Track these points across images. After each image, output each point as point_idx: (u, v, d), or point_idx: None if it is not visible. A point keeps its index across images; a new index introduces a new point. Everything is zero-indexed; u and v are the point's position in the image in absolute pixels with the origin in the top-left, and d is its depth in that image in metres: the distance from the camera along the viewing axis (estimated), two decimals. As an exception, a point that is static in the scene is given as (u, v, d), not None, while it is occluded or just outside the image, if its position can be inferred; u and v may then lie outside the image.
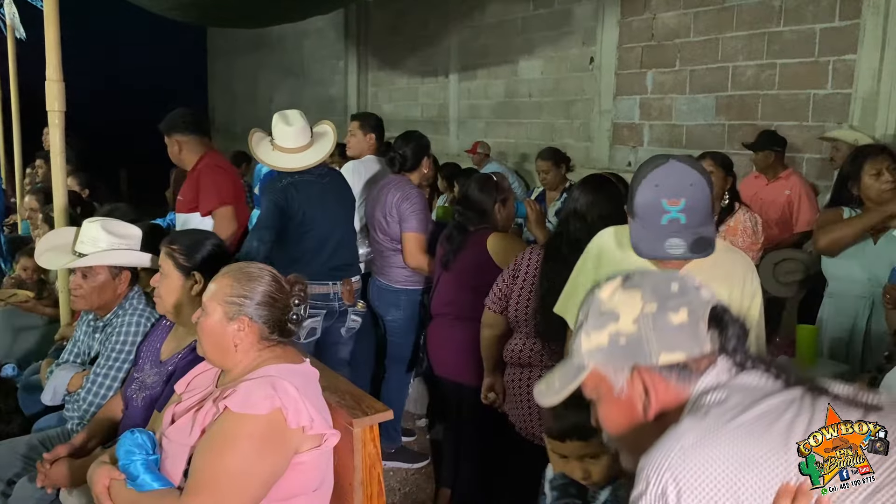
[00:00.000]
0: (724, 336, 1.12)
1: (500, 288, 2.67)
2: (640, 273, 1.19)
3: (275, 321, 1.79)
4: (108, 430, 2.35)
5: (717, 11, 5.40)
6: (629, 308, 1.12)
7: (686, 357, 1.09)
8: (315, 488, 1.77)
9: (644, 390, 1.11)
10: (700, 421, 1.02)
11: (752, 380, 1.08)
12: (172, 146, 3.68)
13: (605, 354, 1.12)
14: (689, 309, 1.11)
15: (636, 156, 6.16)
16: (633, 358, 1.10)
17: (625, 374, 1.11)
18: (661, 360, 1.09)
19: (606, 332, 1.12)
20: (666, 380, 1.10)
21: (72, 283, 2.59)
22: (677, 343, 1.09)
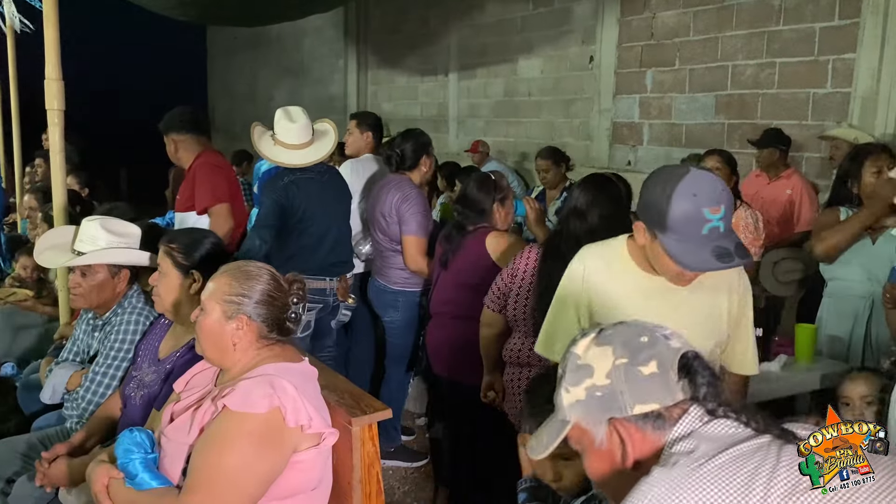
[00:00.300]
0: (695, 384, 1.16)
1: (499, 287, 2.67)
2: (613, 327, 1.22)
3: (273, 320, 1.79)
4: (107, 428, 2.35)
5: (716, 10, 5.40)
6: (602, 362, 1.16)
7: (659, 406, 1.13)
8: (314, 487, 1.77)
9: (620, 440, 1.15)
10: (669, 472, 1.06)
11: (721, 428, 1.11)
12: (170, 145, 3.68)
13: (584, 408, 1.17)
14: (658, 360, 1.15)
15: (636, 155, 6.16)
16: (609, 411, 1.14)
17: (603, 427, 1.15)
18: (636, 411, 1.13)
19: (583, 386, 1.17)
20: (642, 430, 1.14)
21: (71, 281, 2.59)
22: (649, 394, 1.13)
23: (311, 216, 3.37)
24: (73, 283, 2.57)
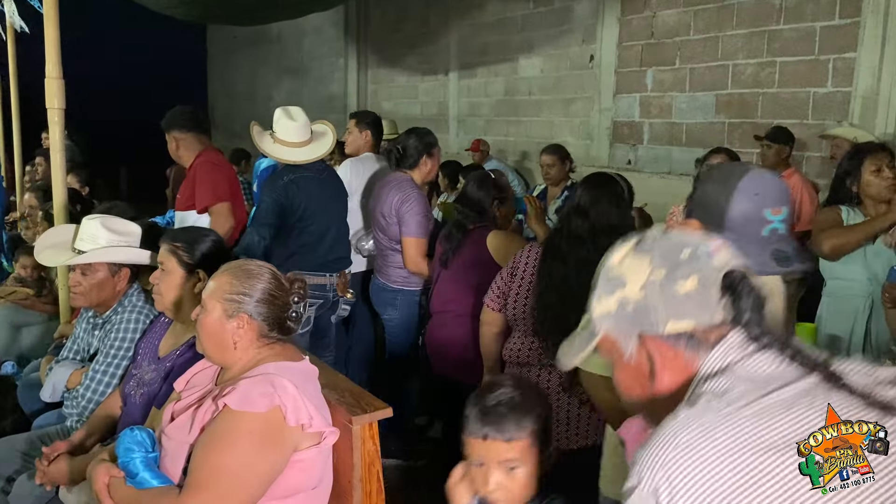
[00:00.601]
0: (738, 307, 1.05)
1: (499, 286, 2.67)
2: (653, 237, 1.13)
3: (274, 319, 1.79)
4: (107, 427, 2.35)
5: (716, 9, 5.40)
6: (637, 274, 1.08)
7: (694, 326, 1.05)
8: (314, 486, 1.77)
9: (649, 357, 1.08)
10: (699, 415, 0.98)
11: (762, 365, 1.02)
12: (171, 143, 3.69)
13: (614, 320, 1.10)
14: (699, 277, 1.05)
15: (636, 154, 6.16)
16: (640, 326, 1.07)
17: (633, 341, 1.08)
18: (668, 329, 1.05)
19: (615, 298, 1.09)
20: (674, 348, 1.06)
21: (71, 279, 2.59)
22: (685, 311, 1.05)
23: (311, 214, 3.42)
24: (74, 281, 2.57)
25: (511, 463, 1.52)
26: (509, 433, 1.50)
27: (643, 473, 0.98)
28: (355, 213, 4.05)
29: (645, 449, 0.99)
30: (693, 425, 0.97)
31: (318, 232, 3.48)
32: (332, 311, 3.66)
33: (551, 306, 2.39)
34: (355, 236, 3.99)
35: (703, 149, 4.62)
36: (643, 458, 0.99)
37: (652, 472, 0.97)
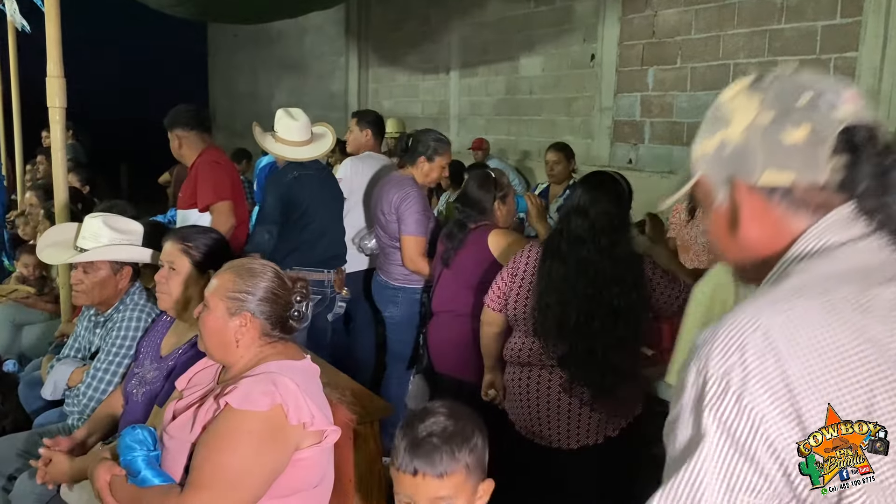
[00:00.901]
0: (855, 171, 0.88)
1: (500, 286, 2.65)
2: (776, 75, 0.98)
3: (277, 317, 1.79)
4: (109, 425, 2.35)
5: (718, 8, 5.40)
6: (743, 115, 0.96)
7: (794, 181, 0.91)
8: (315, 485, 1.77)
9: (737, 205, 0.97)
10: (785, 299, 0.85)
11: (872, 252, 0.87)
12: (174, 141, 3.71)
13: (710, 163, 1.00)
14: (812, 126, 0.91)
15: (637, 153, 6.15)
16: (734, 170, 0.96)
17: (725, 187, 0.98)
18: (763, 179, 0.93)
19: (715, 139, 0.99)
20: (766, 201, 0.94)
21: (73, 278, 2.60)
22: (786, 163, 0.91)
23: (313, 211, 3.52)
24: (76, 279, 2.57)
25: (443, 501, 1.40)
26: (442, 467, 1.39)
27: (712, 355, 0.86)
28: (357, 212, 4.06)
29: (718, 328, 0.87)
30: (778, 309, 0.85)
31: (319, 229, 3.57)
32: (329, 308, 3.70)
33: (551, 307, 2.39)
34: (358, 235, 3.99)
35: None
36: (715, 337, 0.87)
37: (724, 354, 0.85)
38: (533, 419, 2.49)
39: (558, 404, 2.43)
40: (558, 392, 2.43)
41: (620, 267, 2.35)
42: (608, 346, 2.31)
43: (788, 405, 0.81)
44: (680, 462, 0.87)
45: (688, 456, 0.85)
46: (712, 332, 0.86)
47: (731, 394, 0.82)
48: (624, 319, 2.32)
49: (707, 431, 0.84)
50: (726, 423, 0.83)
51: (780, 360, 0.81)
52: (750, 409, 0.81)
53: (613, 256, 2.34)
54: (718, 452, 0.83)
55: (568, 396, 2.41)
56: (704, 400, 0.84)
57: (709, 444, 0.83)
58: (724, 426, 0.83)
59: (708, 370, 0.85)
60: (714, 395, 0.84)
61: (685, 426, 0.87)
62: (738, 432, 0.82)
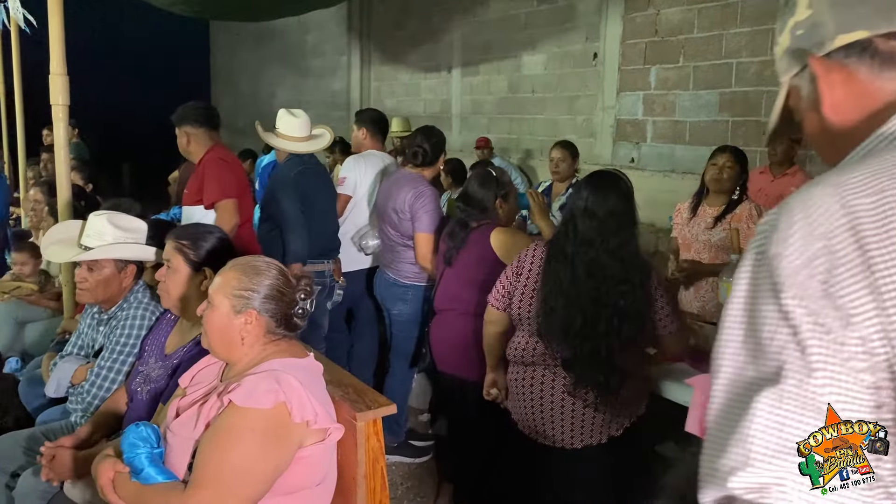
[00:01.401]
0: None
1: (504, 285, 2.64)
2: None
3: (281, 315, 1.79)
4: (112, 422, 2.35)
5: (720, 7, 5.39)
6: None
7: (869, 35, 0.82)
8: (319, 482, 1.78)
9: (816, 83, 0.88)
10: (869, 167, 0.75)
11: None
12: (182, 137, 3.72)
13: (788, 58, 0.92)
14: None
15: (639, 152, 6.15)
16: (808, 46, 0.88)
17: (806, 72, 0.90)
18: (836, 43, 0.85)
19: (787, 29, 0.92)
20: (845, 66, 0.85)
21: (77, 276, 2.59)
22: (856, 19, 0.83)
23: (314, 204, 3.66)
24: (80, 277, 2.57)
25: None
26: None
27: (790, 240, 0.75)
28: (358, 210, 4.06)
29: (791, 207, 0.77)
30: (858, 175, 0.75)
31: (320, 221, 3.71)
32: (328, 297, 3.83)
33: (556, 310, 2.38)
34: (358, 234, 4.00)
35: (707, 147, 4.61)
36: (791, 219, 0.76)
37: (806, 241, 0.74)
38: (536, 419, 2.49)
39: (562, 404, 2.43)
40: (562, 392, 2.43)
41: (628, 267, 2.34)
42: (613, 348, 2.30)
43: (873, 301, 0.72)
44: (768, 376, 0.77)
45: (778, 366, 0.76)
46: (786, 213, 0.76)
47: (815, 282, 0.73)
48: (629, 319, 2.31)
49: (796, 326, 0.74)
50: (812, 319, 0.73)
51: (865, 249, 0.71)
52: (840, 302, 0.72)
53: (622, 257, 2.33)
54: (817, 351, 0.74)
55: (572, 397, 2.41)
56: (783, 291, 0.74)
57: (801, 345, 0.74)
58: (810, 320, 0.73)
59: (784, 257, 0.75)
60: (792, 284, 0.74)
61: (753, 335, 0.77)
62: (829, 327, 0.73)
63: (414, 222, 3.54)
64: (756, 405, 0.77)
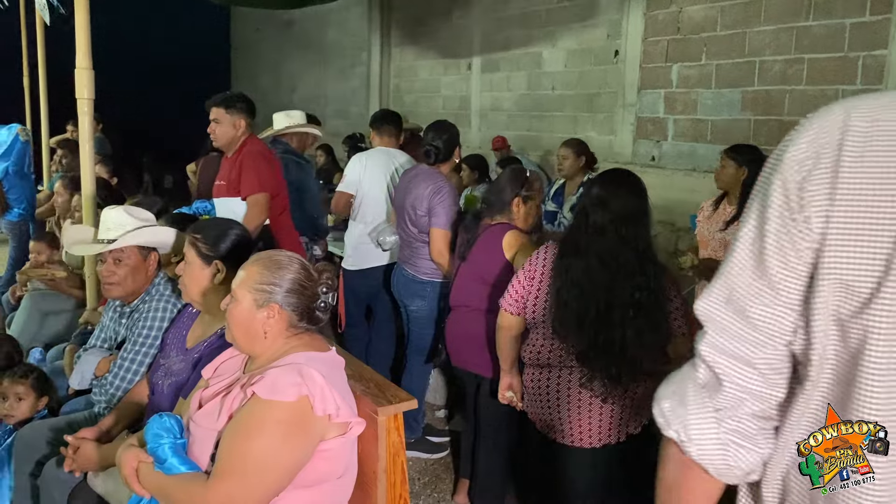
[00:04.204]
0: None
1: (517, 290, 2.59)
2: None
3: (304, 309, 1.80)
4: (135, 414, 2.38)
5: (744, 5, 5.34)
6: None
7: None
8: (340, 475, 1.78)
9: None
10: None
11: None
12: (227, 124, 3.70)
13: None
14: None
15: (660, 150, 6.12)
16: None
17: None
18: None
19: None
20: None
21: (104, 271, 2.59)
22: None
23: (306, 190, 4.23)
24: (107, 272, 2.57)
25: None
26: None
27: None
28: (368, 206, 4.06)
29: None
30: (873, 100, 0.84)
31: (314, 206, 4.41)
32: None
33: (569, 303, 2.37)
34: (375, 230, 4.01)
35: (728, 146, 4.57)
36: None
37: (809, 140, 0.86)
38: (554, 418, 2.48)
39: (579, 403, 2.42)
40: (578, 391, 2.42)
41: (642, 258, 2.32)
42: (627, 338, 2.28)
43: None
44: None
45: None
46: (808, 120, 0.87)
47: (797, 178, 0.85)
48: (644, 311, 2.29)
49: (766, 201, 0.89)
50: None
51: (839, 165, 0.82)
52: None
53: (635, 247, 2.32)
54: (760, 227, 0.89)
55: (588, 393, 2.40)
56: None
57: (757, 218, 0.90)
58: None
59: (789, 150, 0.87)
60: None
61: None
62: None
63: (431, 217, 3.54)
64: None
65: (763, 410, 0.94)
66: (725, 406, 0.95)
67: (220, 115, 3.69)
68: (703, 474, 0.98)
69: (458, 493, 3.35)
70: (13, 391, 2.79)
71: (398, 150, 4.22)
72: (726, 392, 0.94)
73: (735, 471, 0.96)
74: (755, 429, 0.95)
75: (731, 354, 0.93)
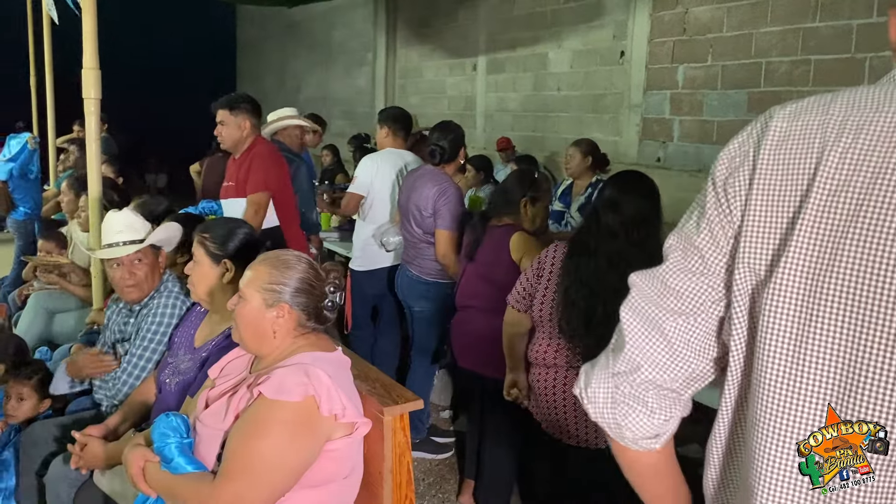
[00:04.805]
0: None
1: (524, 287, 2.62)
2: None
3: (312, 309, 1.80)
4: (142, 413, 2.38)
5: (750, 6, 5.33)
6: None
7: None
8: (346, 475, 1.78)
9: None
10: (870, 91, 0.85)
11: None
12: (228, 123, 3.71)
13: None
14: None
15: (665, 151, 6.11)
16: None
17: None
18: None
19: None
20: None
21: (123, 275, 2.55)
22: None
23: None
24: (125, 275, 2.54)
25: None
26: None
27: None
28: (377, 208, 4.06)
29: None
30: (817, 98, 0.90)
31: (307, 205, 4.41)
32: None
33: (577, 303, 2.37)
34: (379, 230, 4.01)
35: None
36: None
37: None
38: (560, 418, 2.48)
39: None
40: (584, 390, 2.41)
41: (652, 260, 2.32)
42: None
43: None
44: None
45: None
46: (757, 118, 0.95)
47: (722, 174, 0.95)
48: None
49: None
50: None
51: (755, 162, 0.90)
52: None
53: (646, 250, 2.32)
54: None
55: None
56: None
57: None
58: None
59: (725, 149, 0.97)
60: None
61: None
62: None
63: (436, 219, 3.54)
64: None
65: (662, 381, 0.98)
66: (622, 371, 0.99)
67: (225, 116, 3.69)
68: (623, 447, 1.04)
69: (463, 493, 3.35)
70: (16, 391, 2.80)
71: (406, 152, 4.21)
72: (625, 355, 0.99)
73: (626, 432, 1.00)
74: (652, 396, 0.98)
75: (644, 317, 0.99)
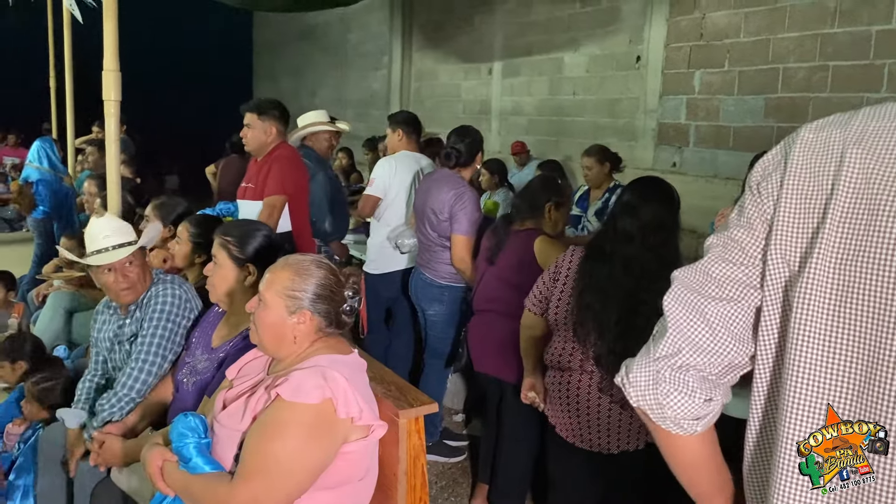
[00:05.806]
0: None
1: (541, 290, 2.63)
2: None
3: (332, 314, 1.81)
4: (160, 411, 2.41)
5: (768, 12, 5.31)
6: None
7: None
8: (361, 477, 1.80)
9: None
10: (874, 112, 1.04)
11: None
12: (258, 130, 3.73)
13: None
14: None
15: (681, 156, 6.09)
16: None
17: None
18: None
19: None
20: None
21: (117, 278, 2.49)
22: None
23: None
24: (121, 277, 2.49)
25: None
26: None
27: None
28: (393, 210, 4.07)
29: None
30: (838, 115, 1.03)
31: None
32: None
33: (591, 306, 2.37)
34: (394, 232, 4.02)
35: (752, 153, 4.55)
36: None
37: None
38: (573, 423, 2.48)
39: (598, 407, 2.42)
40: (598, 395, 2.41)
41: (667, 266, 2.32)
42: None
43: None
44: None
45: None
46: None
47: (756, 179, 1.04)
48: None
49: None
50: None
51: (785, 172, 1.00)
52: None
53: (661, 256, 2.31)
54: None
55: (608, 398, 2.39)
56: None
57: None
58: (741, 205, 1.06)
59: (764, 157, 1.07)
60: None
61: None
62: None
63: (452, 223, 3.54)
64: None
65: (702, 365, 1.02)
66: (663, 355, 1.03)
67: (253, 120, 3.73)
68: (666, 432, 1.08)
69: (476, 497, 3.35)
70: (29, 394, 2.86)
71: (421, 155, 4.23)
72: (667, 340, 1.04)
73: (668, 411, 1.03)
74: (692, 377, 1.02)
75: (687, 304, 1.05)
